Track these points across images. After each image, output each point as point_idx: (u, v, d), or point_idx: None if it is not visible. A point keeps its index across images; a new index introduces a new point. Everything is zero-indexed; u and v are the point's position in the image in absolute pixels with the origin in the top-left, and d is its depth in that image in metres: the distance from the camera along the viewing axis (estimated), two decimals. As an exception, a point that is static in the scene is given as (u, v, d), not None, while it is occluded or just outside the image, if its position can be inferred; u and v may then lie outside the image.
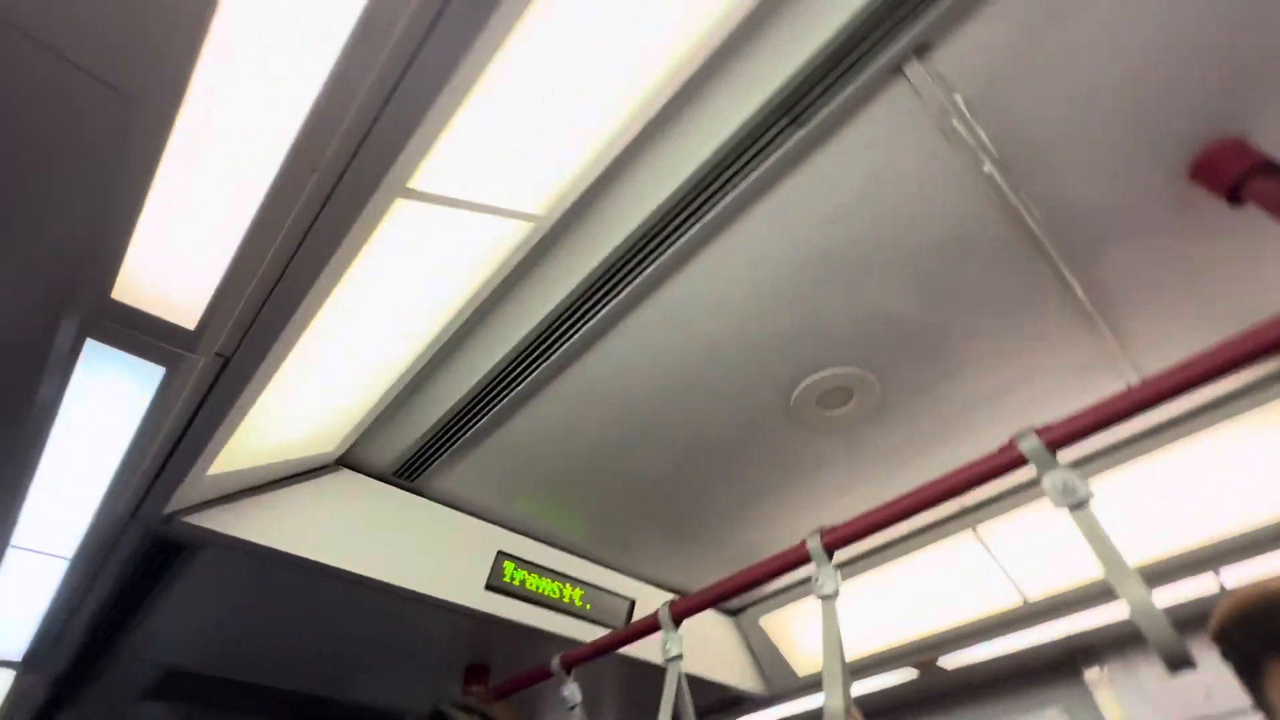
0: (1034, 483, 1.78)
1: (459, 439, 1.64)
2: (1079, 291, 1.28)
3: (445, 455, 1.69)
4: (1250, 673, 0.70)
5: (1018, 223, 1.17)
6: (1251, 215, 1.02)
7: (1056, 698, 2.21)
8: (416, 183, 0.86)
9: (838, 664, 1.14)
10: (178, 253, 0.84)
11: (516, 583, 1.87)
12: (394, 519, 1.71)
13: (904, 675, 2.30)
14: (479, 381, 1.49)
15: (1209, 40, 0.96)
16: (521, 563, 1.91)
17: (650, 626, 1.55)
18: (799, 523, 1.89)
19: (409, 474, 1.74)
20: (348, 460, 1.66)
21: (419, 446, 1.65)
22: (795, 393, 1.52)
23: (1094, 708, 2.10)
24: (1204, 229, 1.17)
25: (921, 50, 0.94)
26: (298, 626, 1.85)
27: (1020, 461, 1.06)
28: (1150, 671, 2.03)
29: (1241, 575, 1.70)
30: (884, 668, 2.24)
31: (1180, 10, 0.93)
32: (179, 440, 1.19)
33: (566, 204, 1.13)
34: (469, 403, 1.54)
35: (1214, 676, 1.86)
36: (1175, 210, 1.16)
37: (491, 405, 1.55)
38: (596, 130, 1.00)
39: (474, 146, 0.90)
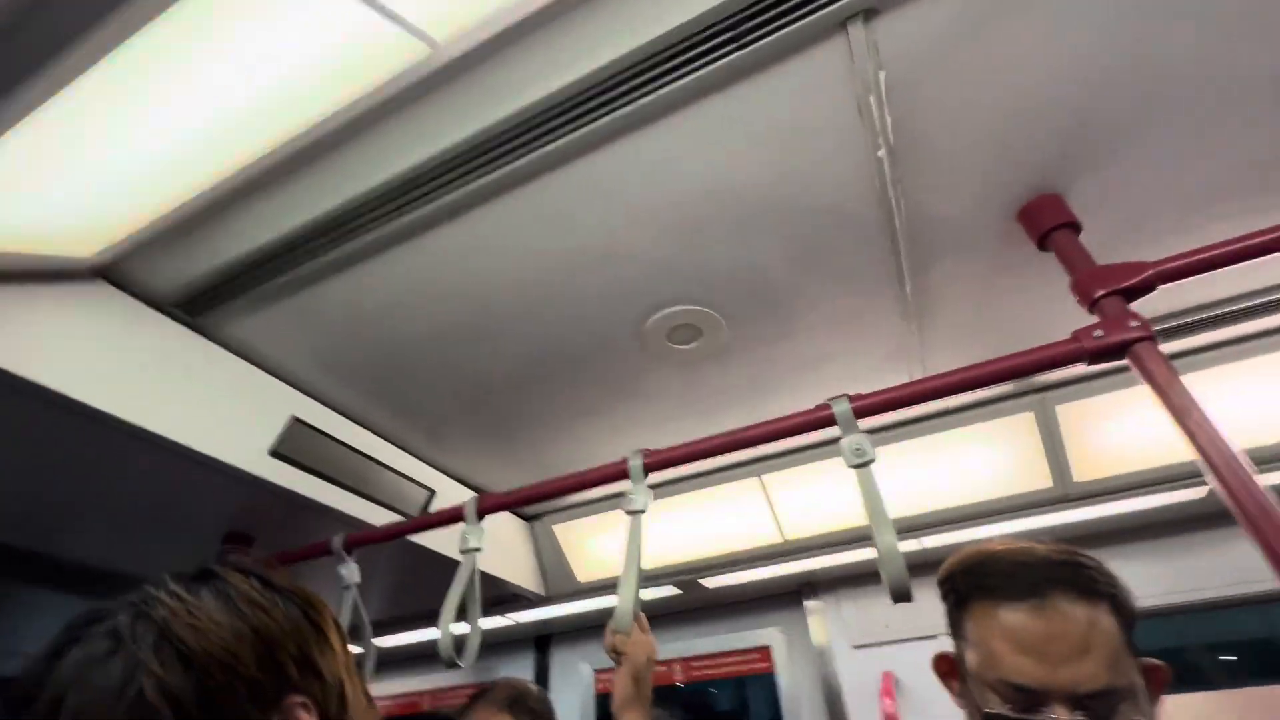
0: (818, 445, 2.08)
1: (269, 282, 1.40)
2: (908, 289, 1.46)
3: (247, 297, 1.44)
4: (959, 609, 0.89)
5: (885, 211, 1.27)
6: (1050, 261, 1.23)
7: (780, 619, 2.66)
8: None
9: (635, 573, 1.23)
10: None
11: (307, 453, 1.70)
12: (165, 357, 1.43)
13: (671, 590, 2.58)
14: (312, 221, 1.27)
15: (1066, 106, 1.11)
16: (317, 433, 1.74)
17: (452, 518, 1.53)
18: (620, 445, 1.96)
19: (194, 309, 1.45)
20: (111, 274, 1.33)
21: (215, 279, 1.38)
22: (649, 321, 1.54)
23: (805, 628, 2.57)
24: (1014, 265, 1.39)
25: (869, 14, 0.95)
26: (7, 466, 1.49)
27: (829, 421, 1.20)
28: (850, 604, 2.52)
29: (938, 543, 2.16)
30: (657, 583, 2.49)
31: (1064, 70, 1.05)
32: None
33: (471, 40, 0.98)
34: (293, 242, 1.31)
35: (893, 616, 2.37)
36: (998, 242, 1.35)
37: (320, 254, 1.34)
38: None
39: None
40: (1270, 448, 1.70)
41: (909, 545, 2.19)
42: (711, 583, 2.53)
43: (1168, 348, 1.66)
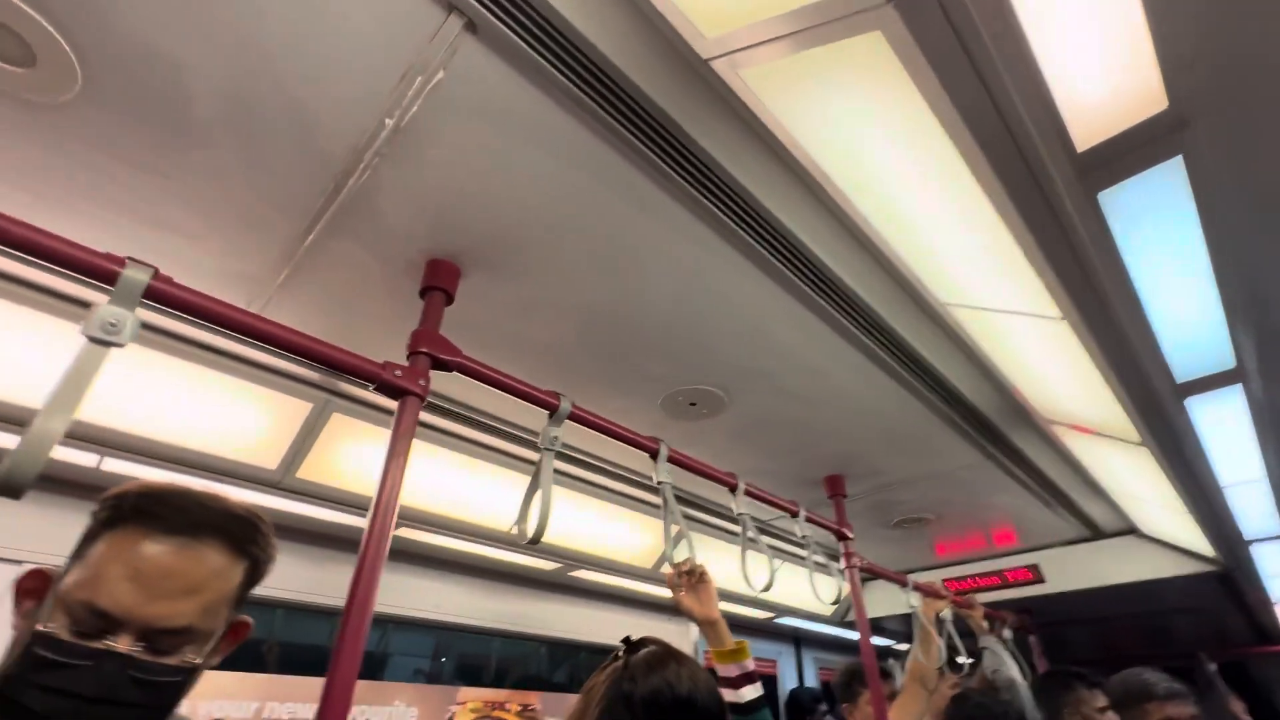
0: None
1: None
2: (310, 240, 1.41)
3: None
4: (104, 527, 0.80)
5: (342, 174, 1.25)
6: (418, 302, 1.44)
7: None
8: None
9: None
10: None
11: None
12: None
13: None
14: None
15: (481, 218, 1.41)
16: None
17: None
18: None
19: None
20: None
21: None
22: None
23: None
24: (399, 290, 1.55)
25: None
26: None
27: (105, 275, 0.96)
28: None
29: (119, 469, 1.86)
30: None
31: (487, 183, 1.35)
32: None
33: None
34: None
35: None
36: (399, 268, 1.50)
37: None
38: None
39: None
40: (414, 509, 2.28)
41: (84, 458, 1.81)
42: None
43: (431, 419, 2.10)
